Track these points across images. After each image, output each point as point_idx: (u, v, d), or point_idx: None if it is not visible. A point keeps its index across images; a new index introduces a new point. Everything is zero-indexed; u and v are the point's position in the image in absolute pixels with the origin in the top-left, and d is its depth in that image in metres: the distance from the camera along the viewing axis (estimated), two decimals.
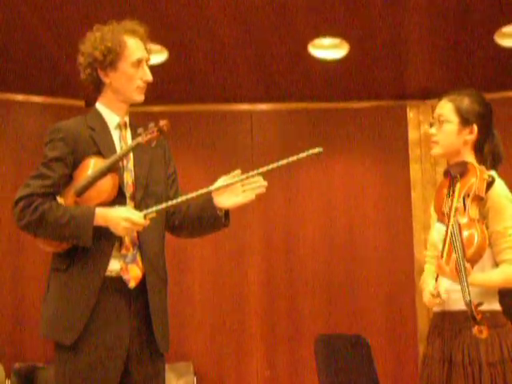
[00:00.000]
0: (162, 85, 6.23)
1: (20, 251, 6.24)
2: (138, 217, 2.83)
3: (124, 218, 2.81)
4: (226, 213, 3.07)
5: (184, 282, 6.54)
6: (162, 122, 2.90)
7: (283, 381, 6.51)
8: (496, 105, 3.17)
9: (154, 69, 3.12)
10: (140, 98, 3.07)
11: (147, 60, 3.08)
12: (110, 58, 2.98)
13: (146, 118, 3.17)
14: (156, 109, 6.29)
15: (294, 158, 2.90)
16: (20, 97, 6.52)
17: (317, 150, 2.88)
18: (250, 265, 6.66)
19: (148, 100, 3.12)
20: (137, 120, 3.15)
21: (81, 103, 6.47)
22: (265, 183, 2.98)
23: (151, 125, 2.91)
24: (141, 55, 3.04)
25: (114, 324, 2.86)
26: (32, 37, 5.53)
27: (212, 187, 2.98)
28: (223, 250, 6.67)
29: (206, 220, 3.08)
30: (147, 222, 2.86)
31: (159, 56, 5.87)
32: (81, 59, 3.04)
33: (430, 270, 3.15)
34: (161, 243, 3.07)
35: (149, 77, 3.05)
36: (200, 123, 6.82)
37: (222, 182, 2.99)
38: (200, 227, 3.13)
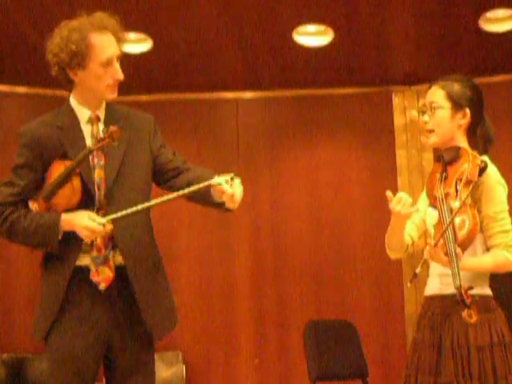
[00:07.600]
0: (147, 73, 6.20)
1: (8, 242, 6.19)
2: (96, 225, 2.78)
3: (83, 226, 2.79)
4: None
5: (171, 271, 6.48)
6: (112, 129, 2.80)
7: (272, 369, 6.52)
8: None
9: (138, 58, 3.10)
10: (111, 95, 2.98)
11: (118, 56, 2.96)
12: (77, 60, 2.89)
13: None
14: (141, 98, 6.25)
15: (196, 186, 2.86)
16: (4, 87, 6.48)
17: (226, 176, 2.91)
18: (237, 252, 6.66)
19: (133, 89, 3.11)
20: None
21: (65, 93, 6.41)
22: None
23: (107, 129, 2.83)
24: (110, 53, 2.92)
25: (89, 315, 2.87)
26: (12, 26, 5.49)
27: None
28: (210, 238, 6.66)
29: (210, 204, 3.08)
30: (108, 228, 2.81)
31: (144, 45, 5.81)
32: (49, 56, 2.95)
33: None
34: (144, 233, 3.03)
35: (119, 75, 2.95)
36: (185, 112, 6.79)
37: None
38: (204, 204, 3.12)
